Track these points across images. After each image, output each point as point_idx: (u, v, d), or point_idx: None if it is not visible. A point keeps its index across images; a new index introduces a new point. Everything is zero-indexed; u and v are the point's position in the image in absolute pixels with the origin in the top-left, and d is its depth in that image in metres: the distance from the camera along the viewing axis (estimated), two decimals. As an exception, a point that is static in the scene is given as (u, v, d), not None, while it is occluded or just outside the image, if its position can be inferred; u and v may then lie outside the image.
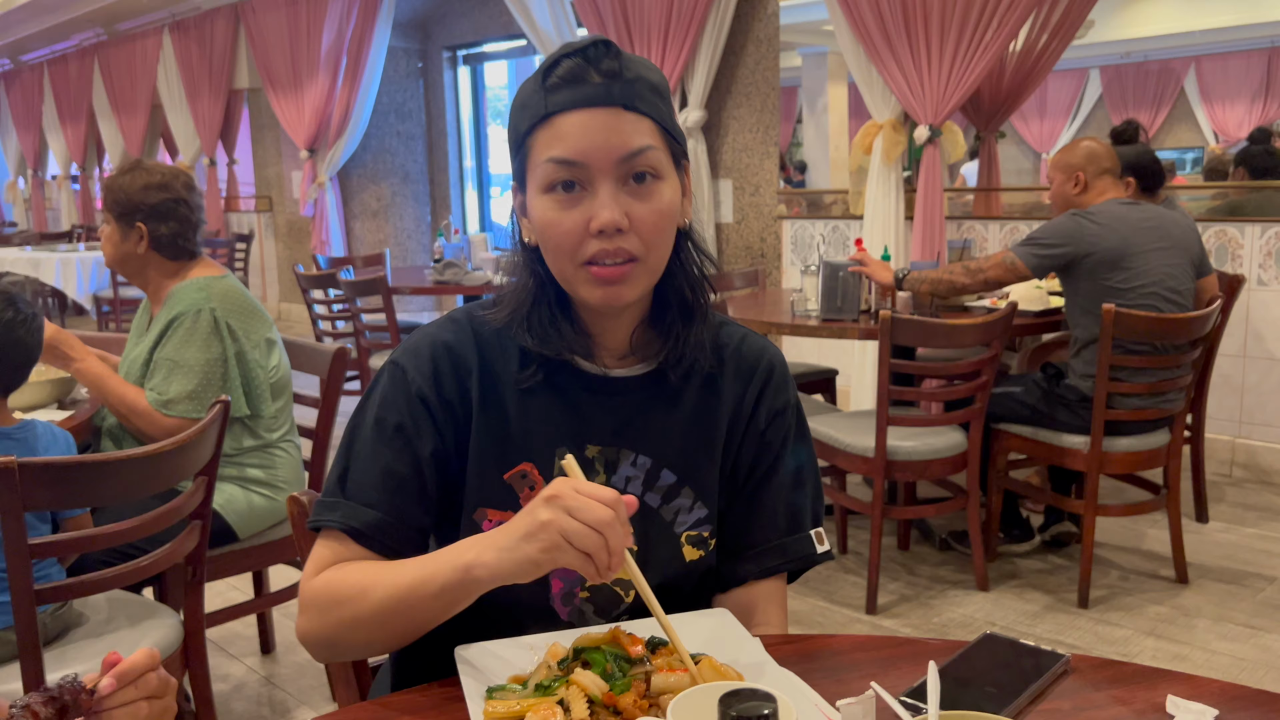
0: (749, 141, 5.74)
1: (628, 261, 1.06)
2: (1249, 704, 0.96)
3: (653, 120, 1.06)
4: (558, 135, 1.04)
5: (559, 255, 1.07)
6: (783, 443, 1.21)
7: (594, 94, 1.04)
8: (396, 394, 1.12)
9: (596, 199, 1.04)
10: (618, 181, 1.04)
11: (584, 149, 1.03)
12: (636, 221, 1.05)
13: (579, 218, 1.04)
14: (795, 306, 3.57)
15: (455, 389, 1.13)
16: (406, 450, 1.11)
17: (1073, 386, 3.13)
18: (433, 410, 1.12)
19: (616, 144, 1.03)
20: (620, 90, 1.04)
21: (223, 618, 2.54)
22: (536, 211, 1.07)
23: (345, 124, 8.16)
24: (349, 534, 1.10)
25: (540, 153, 1.05)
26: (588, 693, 0.91)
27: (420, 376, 1.12)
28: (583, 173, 1.04)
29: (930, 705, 0.84)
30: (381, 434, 1.11)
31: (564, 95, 1.04)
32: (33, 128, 12.66)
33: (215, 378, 2.33)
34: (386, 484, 1.10)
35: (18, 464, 1.58)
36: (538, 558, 0.93)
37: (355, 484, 1.11)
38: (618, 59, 1.05)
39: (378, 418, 1.12)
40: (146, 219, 2.37)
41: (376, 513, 1.10)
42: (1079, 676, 1.03)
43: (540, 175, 1.06)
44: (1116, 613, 3.04)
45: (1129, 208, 3.08)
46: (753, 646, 1.04)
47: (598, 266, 1.05)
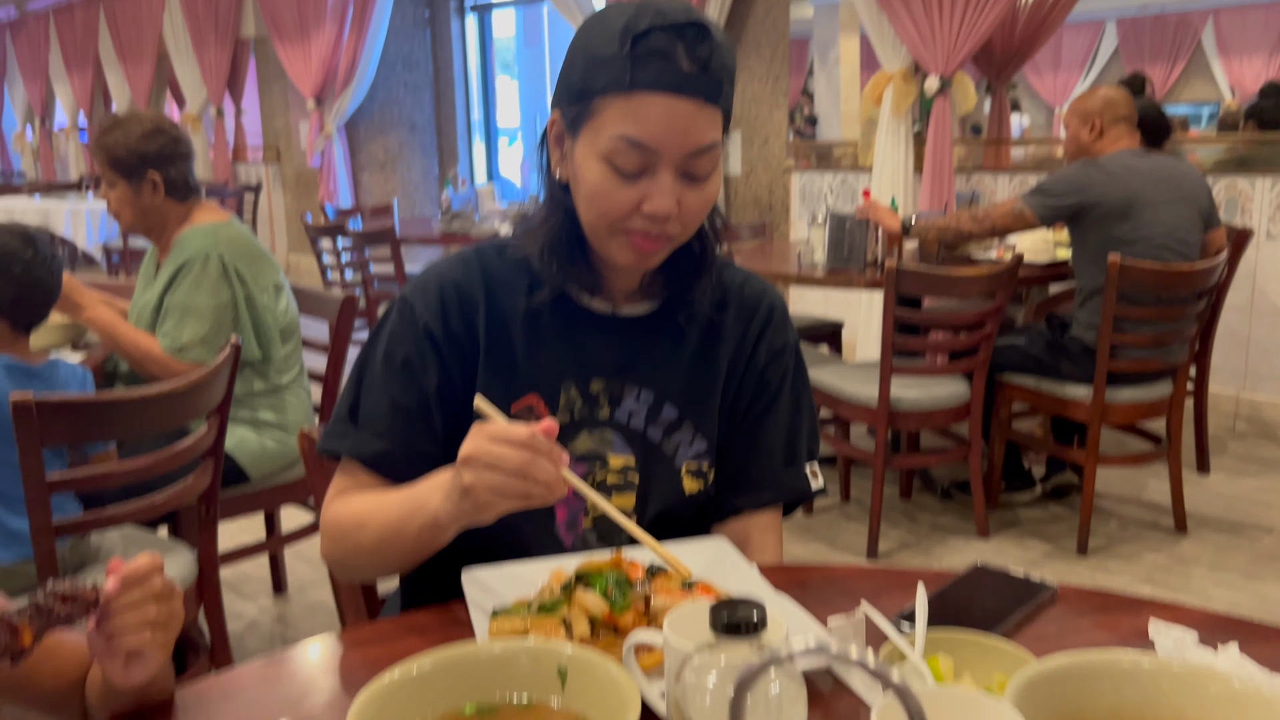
0: (758, 92, 5.71)
1: (666, 238, 1.09)
2: (1230, 629, 0.99)
3: (722, 111, 1.06)
4: (636, 115, 1.02)
5: (599, 218, 1.08)
6: (781, 381, 1.23)
7: (683, 82, 1.01)
8: (405, 329, 1.15)
9: (655, 184, 1.04)
10: (678, 170, 1.05)
11: (660, 137, 1.02)
12: (685, 209, 1.07)
13: (633, 195, 1.05)
14: (801, 258, 3.58)
15: (462, 326, 1.15)
16: (413, 384, 1.14)
17: (1076, 338, 3.14)
18: (439, 346, 1.14)
19: (692, 138, 1.03)
20: (708, 83, 1.03)
21: (235, 557, 2.59)
22: (588, 172, 1.07)
23: (352, 74, 8.11)
24: (360, 461, 1.14)
25: (612, 122, 1.03)
26: (589, 612, 0.94)
27: (428, 313, 1.14)
28: (651, 158, 1.04)
29: (918, 623, 0.88)
30: (390, 367, 1.14)
31: (651, 73, 1.01)
32: (39, 77, 12.61)
33: (226, 322, 2.36)
34: (395, 416, 1.13)
35: (35, 401, 1.61)
36: (477, 516, 0.96)
37: (365, 415, 1.15)
38: (711, 47, 1.02)
39: (386, 351, 1.15)
40: (156, 166, 2.38)
41: (384, 443, 1.13)
42: (1065, 604, 1.06)
43: (605, 144, 1.04)
44: (1115, 560, 3.09)
45: (1140, 158, 3.08)
46: (749, 572, 1.08)
47: (637, 237, 1.08)
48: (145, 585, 0.81)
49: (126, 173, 2.37)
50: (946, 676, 0.84)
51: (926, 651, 0.87)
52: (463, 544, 1.11)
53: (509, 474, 0.91)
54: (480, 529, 1.06)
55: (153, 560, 0.82)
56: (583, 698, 0.80)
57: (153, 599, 0.81)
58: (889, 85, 4.80)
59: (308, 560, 3.13)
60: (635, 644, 0.84)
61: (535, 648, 0.83)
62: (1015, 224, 3.14)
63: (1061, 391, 3.16)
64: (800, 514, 3.48)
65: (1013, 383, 3.28)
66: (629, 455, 1.18)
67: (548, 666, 0.82)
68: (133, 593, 0.81)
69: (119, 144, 2.36)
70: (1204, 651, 0.92)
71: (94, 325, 2.35)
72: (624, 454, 1.18)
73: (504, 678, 0.82)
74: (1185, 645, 0.92)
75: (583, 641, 0.91)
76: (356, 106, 8.35)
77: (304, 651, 1.02)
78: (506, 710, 0.81)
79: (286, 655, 1.00)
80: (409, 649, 0.84)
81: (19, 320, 1.90)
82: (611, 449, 1.18)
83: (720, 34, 1.06)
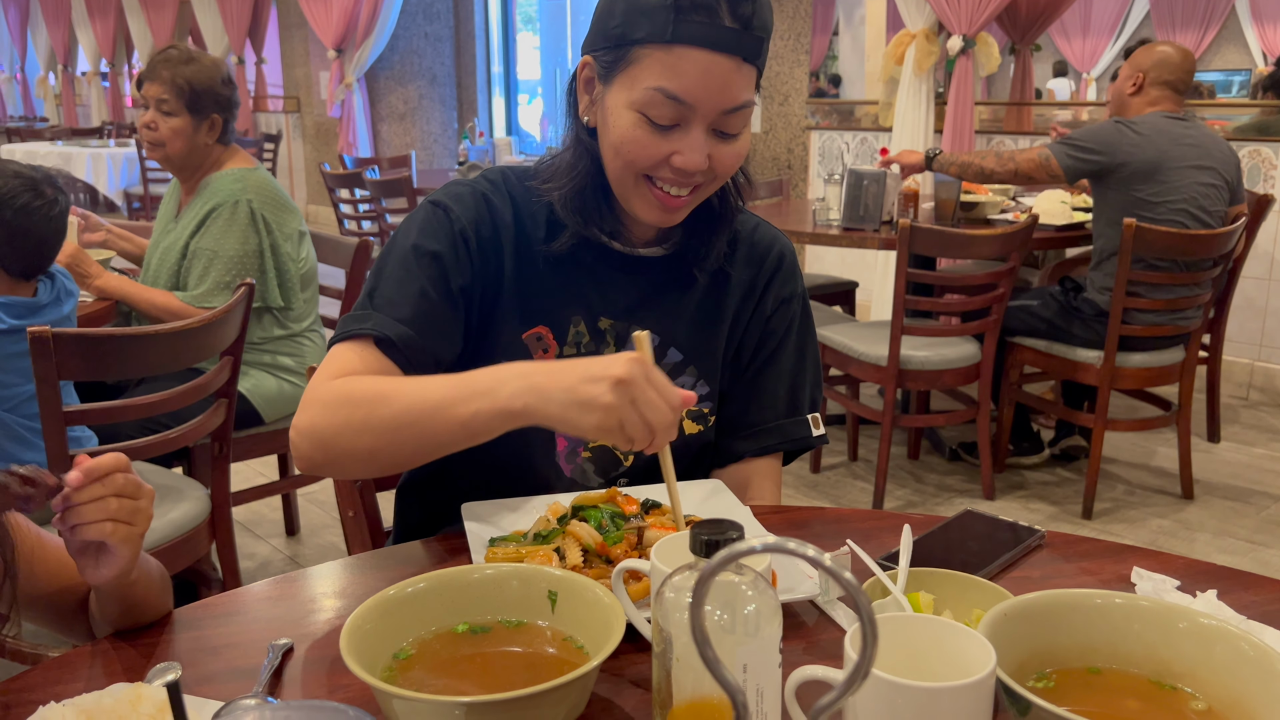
0: (779, 49, 5.65)
1: (692, 190, 1.09)
2: (1211, 577, 1.01)
3: (758, 70, 1.07)
4: (675, 68, 1.02)
5: (626, 167, 1.08)
6: (787, 330, 1.25)
7: (724, 39, 1.01)
8: (438, 227, 1.13)
9: (688, 138, 1.05)
10: (711, 126, 1.06)
11: (697, 93, 1.02)
12: (715, 162, 1.07)
13: (665, 147, 1.06)
14: (817, 215, 3.57)
15: (492, 239, 1.15)
16: (442, 279, 1.11)
17: (1090, 300, 3.13)
18: (471, 250, 1.13)
19: (728, 96, 1.04)
20: (748, 41, 1.03)
21: (248, 497, 2.64)
22: (619, 120, 1.07)
23: (373, 23, 8.07)
24: (377, 342, 1.07)
25: (649, 74, 1.03)
26: (582, 542, 0.97)
27: (464, 217, 1.14)
28: (686, 112, 1.04)
29: (901, 561, 0.90)
30: (419, 258, 1.11)
31: (694, 28, 1.01)
32: (62, 22, 12.59)
33: (251, 269, 2.39)
34: (420, 304, 1.09)
35: (53, 333, 1.65)
36: (586, 428, 0.90)
37: (386, 300, 1.10)
38: (754, 6, 1.03)
39: (415, 244, 1.12)
40: (222, 109, 2.43)
41: (407, 329, 1.08)
42: (1052, 550, 1.08)
43: (640, 94, 1.04)
44: (1119, 524, 3.10)
45: (1173, 122, 3.02)
46: (742, 513, 1.10)
47: (661, 191, 1.08)
48: (107, 480, 0.82)
49: (196, 108, 2.40)
50: (926, 610, 0.86)
51: (909, 588, 0.89)
52: (465, 465, 1.12)
53: (648, 422, 0.88)
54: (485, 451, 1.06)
55: (116, 458, 0.83)
56: (571, 620, 0.83)
57: (114, 494, 0.82)
58: (911, 44, 4.75)
59: (320, 503, 3.18)
60: (624, 570, 0.87)
61: (525, 571, 0.85)
62: (1038, 172, 3.10)
63: (1072, 355, 3.16)
64: (807, 471, 3.50)
65: (1024, 345, 3.27)
66: None
67: (538, 590, 0.84)
68: (94, 487, 0.81)
69: (199, 78, 2.39)
70: (1182, 597, 0.93)
71: (106, 294, 2.37)
72: None
73: (495, 600, 0.85)
74: (1164, 590, 0.94)
75: (575, 569, 0.94)
76: (377, 57, 8.32)
77: (305, 575, 1.05)
78: (498, 630, 0.84)
79: (287, 578, 1.03)
80: (410, 574, 0.86)
81: (13, 268, 1.86)
82: None
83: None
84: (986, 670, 0.66)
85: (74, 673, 0.86)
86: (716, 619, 0.66)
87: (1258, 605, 0.94)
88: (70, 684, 0.83)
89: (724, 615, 0.66)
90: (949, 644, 0.70)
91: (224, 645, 0.91)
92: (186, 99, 2.39)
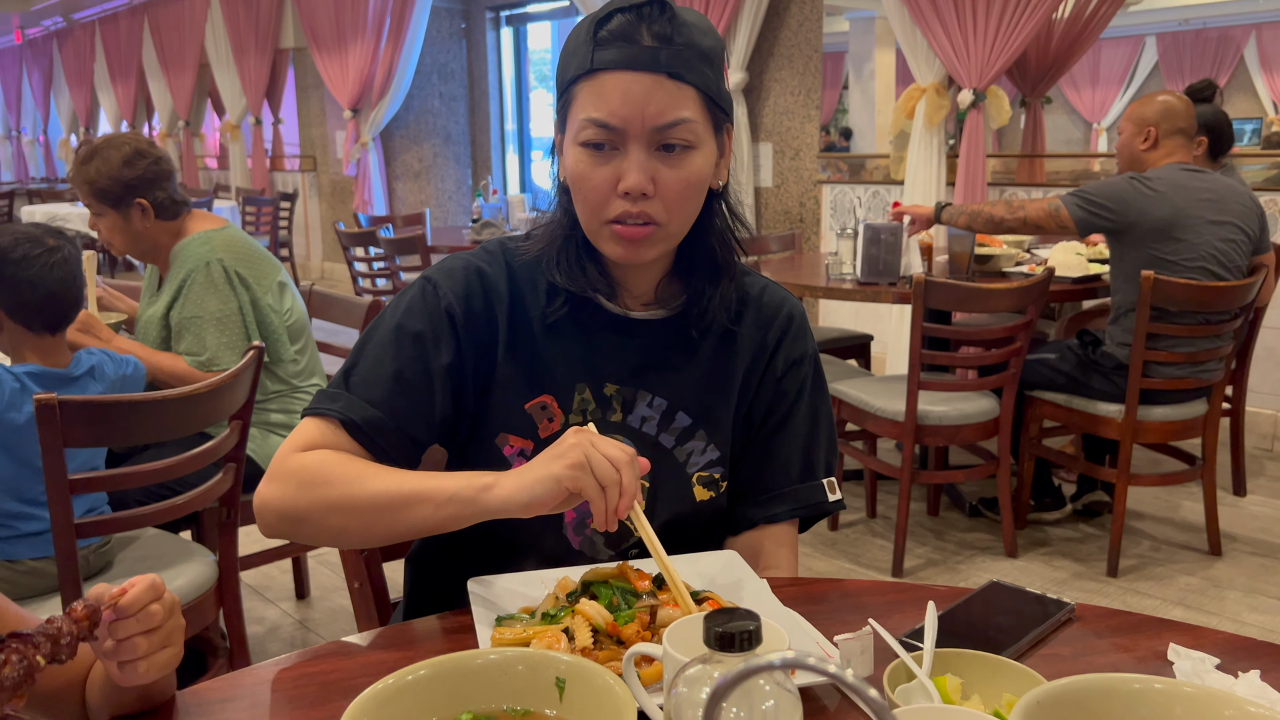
0: (790, 105, 5.69)
1: (648, 224, 1.08)
2: (1252, 654, 0.96)
3: (696, 90, 1.06)
4: (599, 94, 1.04)
5: (586, 207, 1.10)
6: (799, 392, 1.22)
7: (641, 57, 1.03)
8: (423, 306, 1.14)
9: (626, 161, 1.05)
10: (649, 147, 1.05)
11: (622, 114, 1.04)
12: (662, 187, 1.06)
13: (609, 175, 1.06)
14: (830, 270, 3.56)
15: (484, 312, 1.15)
16: (420, 359, 1.12)
17: (1109, 354, 3.09)
18: (458, 326, 1.13)
19: (654, 113, 1.04)
20: (668, 57, 1.04)
21: (257, 561, 2.60)
22: (570, 160, 1.09)
23: (388, 84, 8.19)
24: (345, 425, 1.09)
25: (580, 106, 1.06)
26: (592, 622, 0.93)
27: (452, 294, 1.14)
28: (617, 136, 1.05)
29: (926, 641, 0.86)
30: (399, 340, 1.12)
31: (611, 53, 1.04)
32: (84, 86, 12.85)
33: (236, 327, 2.36)
34: (394, 386, 1.11)
35: (59, 401, 1.63)
36: (561, 473, 0.94)
37: (361, 381, 1.12)
38: (671, 22, 1.04)
39: (398, 324, 1.13)
40: (141, 192, 2.33)
41: (377, 411, 1.09)
42: (1084, 624, 1.04)
43: (576, 128, 1.07)
44: (1146, 582, 3.02)
45: (1190, 175, 2.97)
46: (758, 586, 1.06)
47: (621, 225, 1.08)
48: (141, 616, 0.81)
49: (113, 202, 2.33)
50: (954, 697, 0.82)
51: (935, 670, 0.84)
52: (473, 538, 1.11)
53: (609, 458, 0.93)
54: (490, 526, 1.05)
55: (152, 587, 0.82)
56: (579, 708, 0.79)
57: (144, 634, 0.81)
58: (922, 98, 4.77)
59: (330, 565, 3.14)
60: (636, 655, 0.83)
61: (532, 656, 0.82)
62: (1048, 221, 3.05)
63: (1093, 409, 3.11)
64: (825, 529, 3.45)
65: (1043, 399, 3.23)
66: None
67: (545, 676, 0.81)
68: (128, 624, 0.80)
69: (101, 174, 2.31)
70: (1223, 678, 0.89)
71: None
72: None
73: (500, 686, 0.81)
74: (1204, 670, 0.90)
75: (584, 652, 0.90)
76: (392, 116, 8.43)
77: (306, 657, 1.02)
78: (502, 719, 0.80)
79: (288, 660, 1.00)
80: (412, 657, 0.83)
81: (32, 323, 1.88)
82: None
83: (688, 13, 1.07)
84: (1022, 770, 0.62)
85: (63, 765, 0.82)
86: (733, 715, 0.62)
87: (1303, 685, 0.89)
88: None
89: (740, 713, 0.62)
90: (980, 739, 0.66)
91: (220, 734, 0.87)
92: (101, 198, 2.33)
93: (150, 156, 2.35)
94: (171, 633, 0.83)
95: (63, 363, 1.96)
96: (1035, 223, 3.10)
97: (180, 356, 2.36)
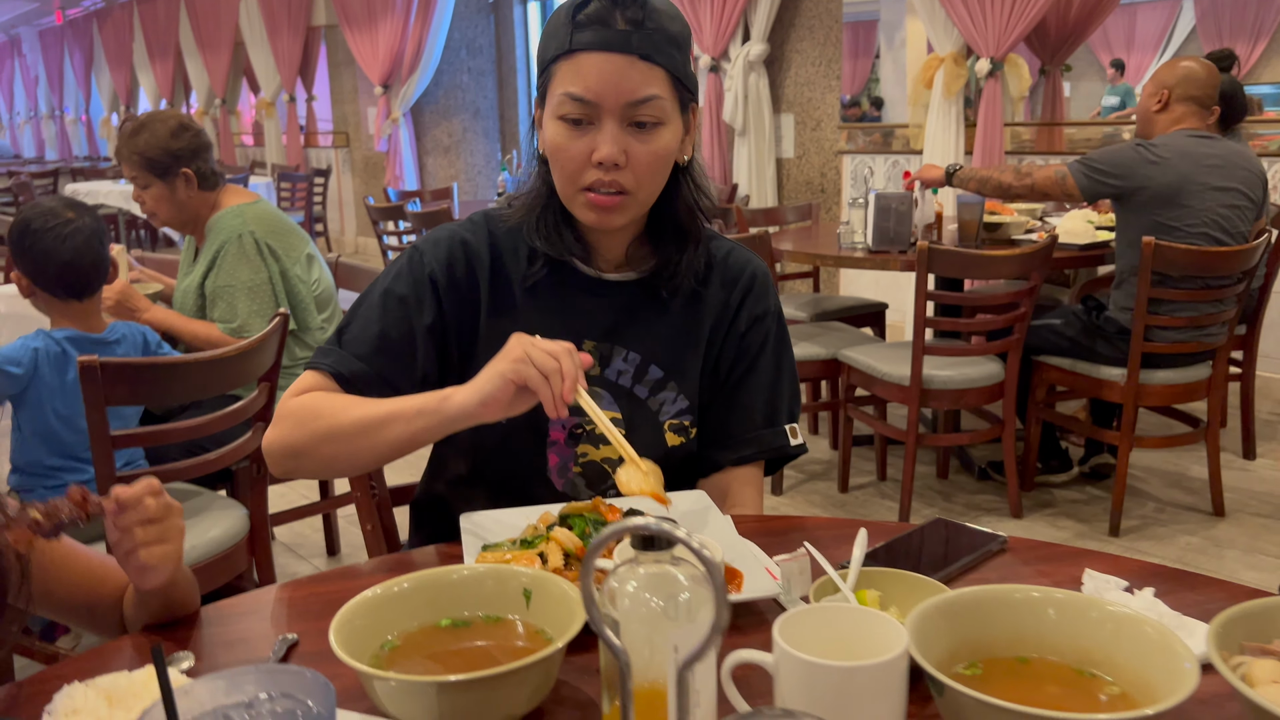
0: (811, 75, 5.73)
1: (619, 193, 1.19)
2: (1163, 579, 1.06)
3: (665, 71, 1.17)
4: (577, 72, 1.15)
5: (563, 177, 1.21)
6: (762, 346, 1.33)
7: (614, 39, 1.14)
8: (409, 273, 1.27)
9: (601, 134, 1.17)
10: (622, 122, 1.17)
11: (597, 90, 1.15)
12: (633, 159, 1.18)
13: (584, 147, 1.17)
14: (842, 239, 3.63)
15: (466, 277, 1.27)
16: (404, 320, 1.25)
17: (1112, 318, 3.15)
18: (440, 291, 1.26)
19: (626, 90, 1.15)
20: (639, 40, 1.15)
21: (289, 517, 2.76)
22: (549, 133, 1.20)
23: (418, 60, 8.31)
24: (335, 378, 1.23)
25: (559, 83, 1.17)
26: (564, 547, 1.05)
27: (435, 261, 1.26)
28: (592, 110, 1.16)
29: (853, 562, 0.97)
30: (386, 303, 1.26)
31: (588, 35, 1.15)
32: (124, 66, 13.11)
33: (268, 296, 2.52)
34: (379, 345, 1.24)
35: (100, 363, 1.77)
36: (505, 369, 1.06)
37: (352, 339, 1.25)
38: (642, 9, 1.16)
39: (386, 289, 1.27)
40: (187, 161, 2.50)
41: (364, 365, 1.23)
42: (1014, 554, 1.14)
43: (555, 103, 1.18)
44: (1147, 541, 3.10)
45: (1196, 141, 3.00)
46: (722, 521, 1.17)
47: (594, 194, 1.19)
48: (138, 508, 0.93)
49: (161, 172, 2.49)
50: (872, 606, 0.92)
51: (859, 586, 0.95)
52: (467, 485, 1.23)
53: (547, 351, 1.05)
54: (482, 473, 1.18)
55: (148, 484, 0.94)
56: (542, 615, 0.91)
57: (142, 521, 0.93)
58: (940, 68, 4.81)
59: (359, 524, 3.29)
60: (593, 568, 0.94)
61: (501, 571, 0.94)
62: (1054, 189, 3.11)
63: (1096, 373, 3.18)
64: (835, 490, 3.55)
65: (1049, 363, 3.30)
66: (616, 411, 1.28)
67: (513, 587, 0.93)
68: (127, 515, 0.93)
69: (150, 145, 2.47)
70: (1123, 595, 0.99)
71: (154, 325, 2.51)
72: (612, 409, 1.28)
73: (475, 597, 0.93)
74: (1105, 589, 1.00)
75: (555, 571, 1.02)
76: (422, 92, 8.56)
77: (316, 580, 1.15)
78: (477, 624, 0.92)
79: (298, 582, 1.13)
80: (404, 576, 0.95)
81: (55, 290, 2.04)
82: (601, 404, 1.28)
83: (660, 3, 1.18)
84: (897, 652, 0.73)
85: (105, 662, 0.96)
86: (653, 605, 0.73)
87: (1199, 604, 0.99)
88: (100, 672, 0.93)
89: (660, 602, 0.73)
90: (872, 630, 0.77)
91: (238, 640, 1.00)
92: (149, 168, 2.48)
93: (193, 129, 2.53)
94: (168, 530, 0.95)
95: (96, 328, 2.11)
96: (1042, 190, 3.16)
97: (214, 325, 2.52)
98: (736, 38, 5.81)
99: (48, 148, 16.87)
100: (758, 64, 5.74)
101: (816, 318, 4.01)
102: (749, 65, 5.74)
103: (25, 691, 0.90)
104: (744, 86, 5.76)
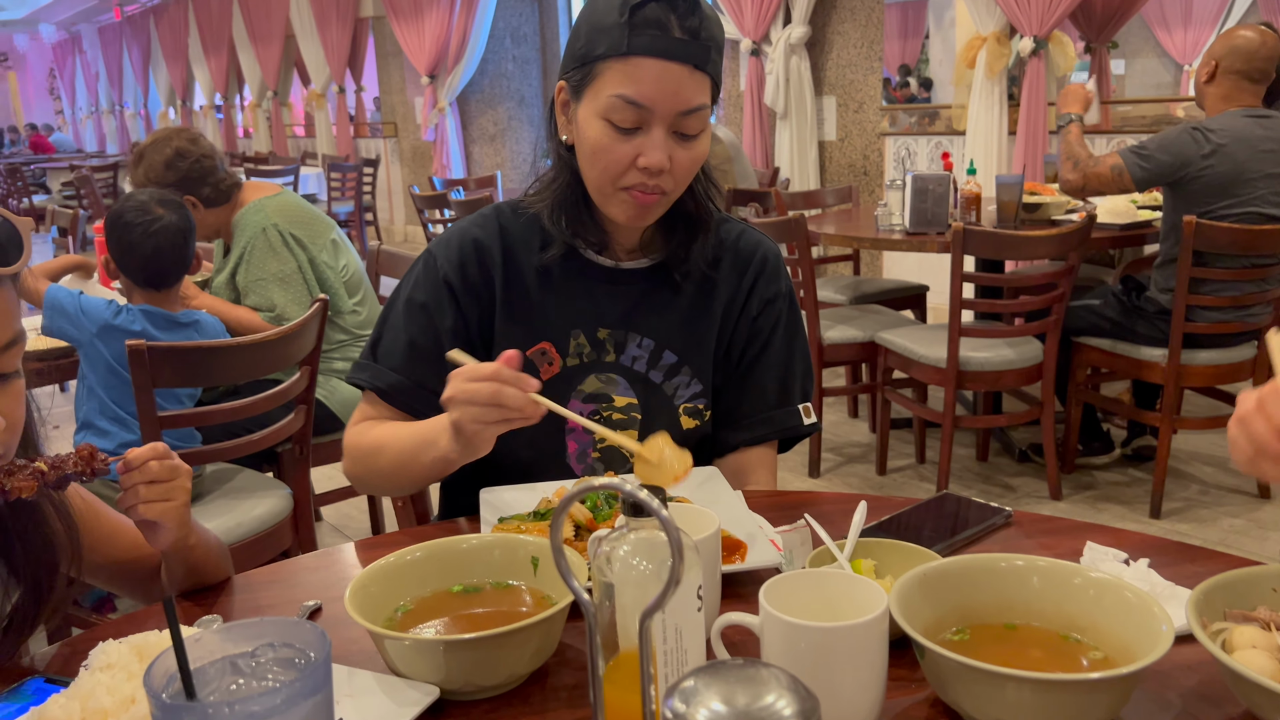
0: (853, 58, 5.70)
1: (659, 193, 1.21)
2: (1162, 551, 1.07)
3: (710, 78, 1.19)
4: (633, 76, 1.14)
5: (602, 175, 1.21)
6: (774, 327, 1.35)
7: (674, 48, 1.14)
8: (426, 278, 1.31)
9: (649, 139, 1.17)
10: (670, 128, 1.18)
11: (653, 97, 1.15)
12: (676, 164, 1.19)
13: (630, 150, 1.18)
14: (880, 221, 3.63)
15: (479, 277, 1.30)
16: (430, 326, 1.30)
17: (1152, 299, 3.11)
18: (456, 293, 1.30)
19: (682, 99, 1.16)
20: (696, 50, 1.16)
21: (334, 497, 2.84)
22: (589, 130, 1.20)
23: (463, 49, 8.40)
24: (376, 393, 1.30)
25: (611, 84, 1.16)
26: (575, 519, 1.09)
27: (448, 264, 1.30)
28: (645, 116, 1.17)
29: (851, 532, 0.99)
30: (410, 311, 1.30)
31: (647, 40, 1.14)
32: (180, 60, 13.40)
33: (299, 284, 2.59)
34: (409, 353, 1.29)
35: (147, 346, 1.85)
36: (473, 446, 1.08)
37: (384, 351, 1.31)
38: (700, 17, 1.16)
39: (408, 297, 1.31)
40: (186, 190, 2.52)
41: (399, 376, 1.29)
42: (1018, 528, 1.16)
43: (604, 103, 1.17)
44: (1188, 524, 3.07)
45: (1252, 122, 2.92)
46: (732, 496, 1.20)
47: (636, 192, 1.20)
48: (144, 469, 0.99)
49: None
50: (866, 574, 0.95)
51: (857, 556, 0.98)
52: (493, 470, 1.28)
53: (484, 405, 1.02)
54: (504, 461, 1.22)
55: (154, 448, 1.00)
56: (549, 581, 0.95)
57: (147, 480, 0.99)
58: (983, 47, 4.76)
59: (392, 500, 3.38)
60: (598, 537, 0.99)
61: (508, 540, 0.98)
62: (1110, 187, 3.04)
63: (1137, 354, 3.14)
64: (873, 473, 3.56)
65: (1089, 345, 3.27)
66: (632, 396, 1.32)
67: (521, 555, 0.97)
68: (131, 475, 0.99)
69: (148, 179, 2.51)
70: (1119, 567, 1.01)
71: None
72: (628, 395, 1.32)
73: (484, 565, 0.98)
74: (1104, 560, 1.01)
75: (567, 542, 1.06)
76: (467, 81, 8.64)
77: (343, 549, 1.20)
78: (487, 590, 0.97)
79: (327, 552, 1.19)
80: (424, 547, 1.00)
81: (136, 278, 2.15)
82: (617, 390, 1.32)
83: (709, 9, 1.18)
84: (875, 614, 0.76)
85: (140, 625, 1.02)
86: (641, 567, 0.77)
87: (1196, 575, 1.00)
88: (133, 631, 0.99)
89: (646, 564, 0.77)
90: (855, 595, 0.80)
91: (266, 605, 1.06)
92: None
93: (191, 156, 2.53)
94: (172, 489, 1.01)
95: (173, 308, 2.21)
96: (1096, 190, 3.07)
97: (256, 313, 2.60)
98: (778, 21, 5.79)
99: (108, 141, 17.31)
100: (799, 46, 5.72)
101: (856, 300, 4.01)
102: (790, 48, 5.73)
103: (73, 649, 0.97)
104: (785, 69, 5.74)
